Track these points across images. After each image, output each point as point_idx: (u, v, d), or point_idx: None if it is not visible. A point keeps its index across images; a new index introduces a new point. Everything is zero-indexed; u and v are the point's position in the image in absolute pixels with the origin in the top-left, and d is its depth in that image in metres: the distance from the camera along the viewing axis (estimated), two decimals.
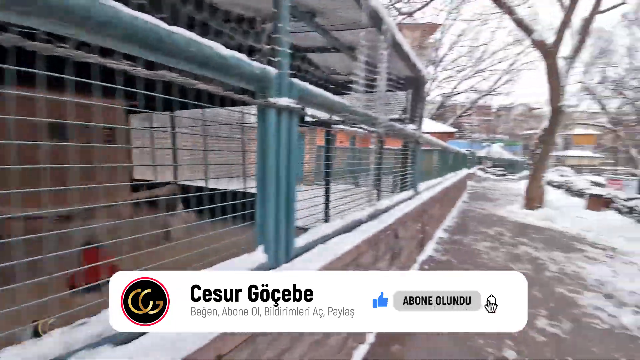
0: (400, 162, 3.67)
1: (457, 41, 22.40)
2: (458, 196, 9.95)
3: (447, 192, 6.90)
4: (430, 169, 5.55)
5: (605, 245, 5.35)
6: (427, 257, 4.21)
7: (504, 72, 22.16)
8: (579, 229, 6.45)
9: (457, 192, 9.66)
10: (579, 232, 6.22)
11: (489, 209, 8.46)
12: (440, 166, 6.44)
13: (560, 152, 32.26)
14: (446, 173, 7.52)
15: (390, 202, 2.91)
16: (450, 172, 8.40)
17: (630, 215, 7.37)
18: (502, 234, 5.75)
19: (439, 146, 5.89)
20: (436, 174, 6.27)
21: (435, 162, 6.28)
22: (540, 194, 7.75)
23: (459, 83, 23.81)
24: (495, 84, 22.76)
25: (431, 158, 5.54)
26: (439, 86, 25.25)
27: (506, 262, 4.32)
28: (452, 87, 24.46)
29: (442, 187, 5.78)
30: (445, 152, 6.36)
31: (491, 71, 22.56)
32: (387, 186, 3.80)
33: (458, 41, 22.36)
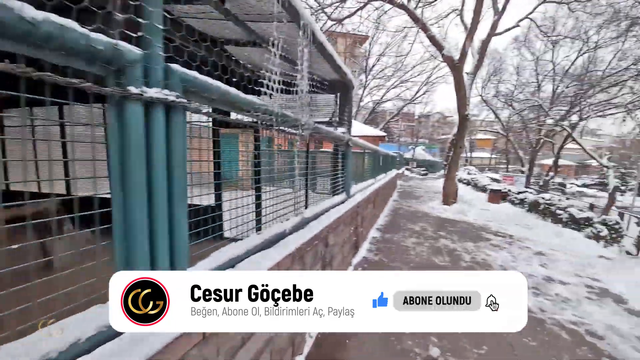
0: (331, 165, 3.59)
1: (384, 53, 24.27)
2: (389, 195, 10.63)
3: (380, 193, 7.22)
4: (363, 171, 5.69)
5: (505, 233, 6.24)
6: (361, 259, 4.23)
7: (422, 84, 24.85)
8: (484, 220, 7.43)
9: (388, 192, 10.29)
10: (485, 223, 7.15)
11: (415, 206, 9.20)
12: (372, 168, 6.70)
13: (467, 154, 37.70)
14: (378, 174, 7.89)
15: (320, 208, 2.77)
16: (382, 173, 8.87)
17: (521, 205, 8.86)
18: (425, 229, 6.22)
19: (370, 149, 6.09)
20: (369, 176, 6.49)
21: (367, 165, 6.49)
22: (454, 190, 8.74)
23: (387, 91, 25.81)
24: (416, 94, 25.36)
25: (363, 160, 5.68)
26: (370, 93, 27.00)
27: (429, 255, 4.63)
28: (381, 95, 26.37)
29: (374, 188, 5.98)
30: (376, 155, 6.64)
31: (413, 82, 25.07)
32: (320, 191, 3.69)
33: (384, 53, 24.22)
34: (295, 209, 2.29)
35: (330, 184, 3.47)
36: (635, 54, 10.30)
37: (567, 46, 19.86)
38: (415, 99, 25.70)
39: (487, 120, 31.61)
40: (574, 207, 6.82)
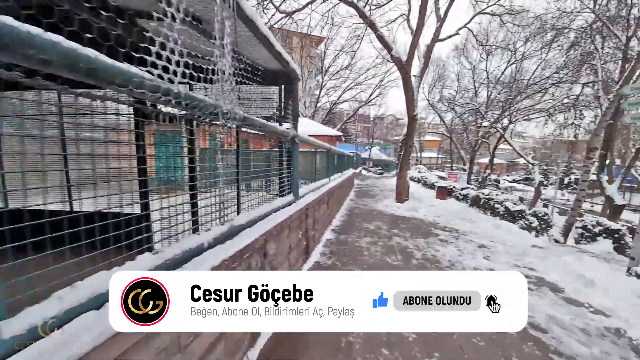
0: (276, 164, 3.22)
1: (339, 54, 24.58)
2: (346, 195, 10.59)
3: (335, 192, 7.04)
4: (315, 171, 5.42)
5: (452, 228, 6.47)
6: (312, 264, 3.93)
7: (376, 87, 25.73)
8: (433, 216, 7.69)
9: (345, 191, 10.23)
10: (434, 219, 7.39)
11: (371, 204, 9.24)
12: (326, 167, 6.48)
13: (417, 154, 40.14)
14: (333, 174, 7.72)
15: (259, 212, 2.39)
16: (337, 173, 8.74)
17: (465, 201, 9.42)
18: (380, 228, 6.17)
19: (322, 147, 5.84)
20: (322, 175, 6.25)
21: (320, 164, 6.25)
22: (406, 188, 8.96)
23: (343, 92, 26.18)
24: (370, 96, 26.17)
25: (315, 159, 5.41)
26: (327, 94, 27.15)
27: (383, 255, 4.51)
28: (337, 95, 26.68)
29: (328, 188, 5.74)
30: (329, 154, 6.43)
31: (367, 84, 25.81)
32: (263, 192, 3.29)
33: (339, 55, 24.54)
34: (221, 216, 1.88)
35: (271, 185, 3.10)
36: (557, 64, 11.65)
37: (498, 57, 22.15)
38: (370, 101, 26.51)
39: (434, 123, 34.01)
40: (509, 200, 7.40)
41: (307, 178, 4.76)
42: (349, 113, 30.12)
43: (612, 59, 9.31)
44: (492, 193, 7.97)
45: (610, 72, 9.92)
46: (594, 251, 5.22)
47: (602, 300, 3.14)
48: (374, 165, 34.19)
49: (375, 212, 8.11)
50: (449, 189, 10.56)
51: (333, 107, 27.40)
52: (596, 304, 3.10)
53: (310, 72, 26.30)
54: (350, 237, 5.34)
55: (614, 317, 2.83)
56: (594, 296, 3.23)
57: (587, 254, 4.91)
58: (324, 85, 25.42)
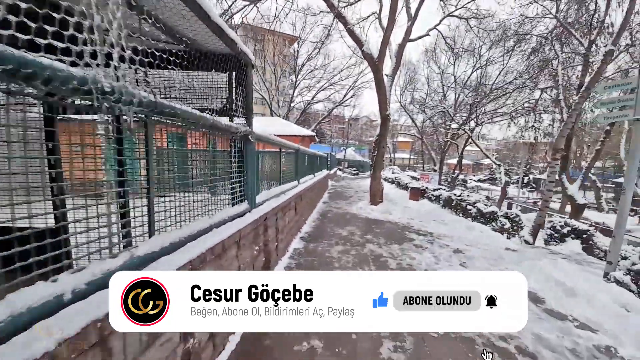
0: (226, 167, 2.64)
1: (312, 54, 24.17)
2: (319, 197, 10.11)
3: (305, 196, 6.52)
4: (280, 174, 4.86)
5: (426, 231, 6.21)
6: None
7: (350, 88, 25.61)
8: (407, 218, 7.43)
9: (318, 194, 9.76)
10: (408, 221, 7.12)
11: (344, 207, 8.84)
12: (295, 169, 5.94)
13: (391, 155, 40.81)
14: (303, 176, 7.19)
15: (189, 230, 1.80)
16: (309, 175, 8.23)
17: (437, 202, 9.31)
18: (353, 234, 5.75)
19: (289, 148, 5.30)
20: (291, 178, 5.70)
21: (288, 166, 5.70)
22: (380, 190, 8.66)
23: (317, 93, 25.77)
24: (344, 97, 26.01)
25: (281, 161, 4.85)
26: (300, 94, 26.60)
27: (355, 265, 4.07)
28: (311, 95, 26.23)
29: (297, 192, 5.21)
30: (298, 154, 5.90)
31: (341, 85, 25.62)
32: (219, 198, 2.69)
33: (313, 54, 24.13)
34: (120, 241, 1.30)
35: (222, 192, 2.51)
36: (519, 69, 12.04)
37: (465, 62, 22.94)
38: (344, 101, 26.35)
39: (406, 125, 34.71)
40: (480, 202, 7.32)
41: (267, 182, 4.19)
42: (324, 114, 29.78)
43: (571, 64, 9.70)
44: (463, 194, 7.89)
45: (569, 77, 10.34)
46: (563, 252, 5.16)
47: (585, 312, 2.91)
48: (349, 166, 34.16)
49: (349, 215, 7.71)
50: (422, 190, 10.46)
51: (307, 107, 26.89)
52: (580, 317, 2.85)
53: (283, 71, 25.63)
54: (321, 246, 4.85)
55: (601, 333, 2.58)
56: (577, 307, 3.00)
57: (559, 256, 4.81)
58: (297, 84, 24.85)
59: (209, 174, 2.34)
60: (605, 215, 19.94)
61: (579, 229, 5.27)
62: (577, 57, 9.18)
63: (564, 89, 9.15)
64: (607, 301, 3.03)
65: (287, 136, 14.54)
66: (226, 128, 2.29)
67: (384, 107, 7.91)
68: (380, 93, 7.65)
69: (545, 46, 9.92)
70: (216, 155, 2.49)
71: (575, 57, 9.33)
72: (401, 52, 8.95)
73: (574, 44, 9.08)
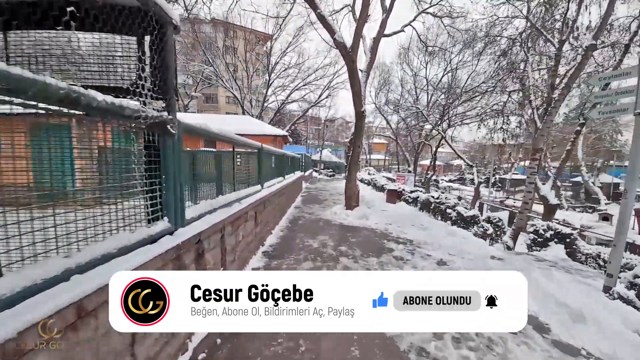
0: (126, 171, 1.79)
1: (286, 51, 23.30)
2: (290, 202, 9.29)
3: (272, 202, 5.70)
4: (234, 178, 4.01)
5: (405, 238, 5.64)
6: (206, 336, 2.42)
7: (325, 88, 25.02)
8: (385, 224, 6.85)
9: (289, 198, 8.95)
10: (385, 227, 6.53)
11: (318, 213, 8.11)
12: (258, 171, 5.11)
13: (367, 156, 40.87)
14: (270, 179, 6.36)
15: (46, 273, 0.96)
16: (277, 177, 7.40)
17: (415, 204, 8.88)
18: (325, 245, 5.03)
19: (250, 146, 4.47)
20: (252, 182, 4.86)
21: (251, 167, 4.86)
22: (356, 193, 8.04)
23: (291, 92, 24.91)
24: (319, 97, 25.36)
25: (234, 161, 3.99)
26: (275, 93, 25.61)
27: None
28: (286, 95, 25.33)
29: (258, 198, 4.39)
30: (262, 154, 5.07)
31: (316, 85, 24.97)
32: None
33: (286, 51, 23.28)
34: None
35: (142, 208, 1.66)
36: (490, 72, 12.06)
37: (436, 65, 23.23)
38: (319, 101, 25.70)
39: (380, 127, 34.83)
40: (460, 205, 6.93)
41: (209, 187, 3.32)
42: (299, 114, 28.95)
43: (539, 67, 9.74)
44: (441, 197, 7.48)
45: (536, 80, 10.39)
46: (548, 258, 4.81)
47: (598, 342, 2.39)
48: (325, 167, 33.58)
49: (322, 222, 6.98)
50: (399, 192, 10.01)
51: (281, 106, 25.91)
52: (595, 350, 2.33)
53: (256, 69, 24.51)
54: (286, 263, 4.06)
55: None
56: (587, 336, 2.48)
57: (546, 263, 4.42)
58: (270, 83, 23.80)
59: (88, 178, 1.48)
60: (566, 213, 21.13)
61: (562, 232, 4.95)
62: (545, 59, 9.19)
63: (533, 91, 9.13)
64: (618, 325, 2.55)
65: (259, 136, 13.55)
66: (115, 110, 1.43)
67: (358, 103, 7.29)
68: (354, 85, 7.01)
69: (514, 48, 9.94)
70: (105, 152, 1.63)
71: (543, 59, 9.35)
72: (376, 46, 8.42)
73: (543, 46, 9.09)
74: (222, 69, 22.65)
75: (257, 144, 4.82)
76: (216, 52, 22.44)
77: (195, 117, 15.26)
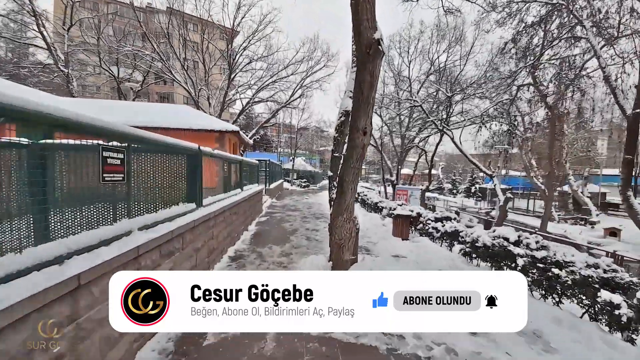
0: None
1: (248, 46, 19.06)
2: (232, 237, 4.93)
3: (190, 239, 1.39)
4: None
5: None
6: None
7: (297, 87, 21.01)
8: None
9: (233, 228, 4.62)
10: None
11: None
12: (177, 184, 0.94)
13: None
14: (199, 198, 2.04)
15: None
16: (221, 194, 3.05)
17: (443, 240, 4.90)
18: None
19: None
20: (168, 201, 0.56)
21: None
22: (351, 233, 3.82)
23: (258, 90, 20.54)
24: (291, 97, 21.23)
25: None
26: (238, 92, 21.07)
27: None
28: (252, 94, 20.91)
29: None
30: (181, 157, 0.97)
31: (287, 83, 20.88)
32: None
33: (249, 45, 19.05)
34: None
35: None
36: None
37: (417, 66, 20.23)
38: (291, 101, 21.55)
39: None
40: (578, 261, 3.05)
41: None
42: (270, 116, 24.56)
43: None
44: (523, 237, 3.59)
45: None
46: None
47: None
48: (299, 177, 29.27)
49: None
50: (413, 218, 6.00)
51: (246, 106, 21.37)
52: None
53: (215, 62, 19.89)
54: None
55: None
56: None
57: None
58: (233, 77, 19.27)
59: None
60: (559, 226, 18.64)
61: None
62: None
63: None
64: None
65: (194, 131, 8.98)
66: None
67: (365, 26, 3.15)
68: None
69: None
70: None
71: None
72: None
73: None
74: (173, 58, 17.89)
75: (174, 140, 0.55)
76: (165, 41, 17.69)
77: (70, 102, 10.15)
